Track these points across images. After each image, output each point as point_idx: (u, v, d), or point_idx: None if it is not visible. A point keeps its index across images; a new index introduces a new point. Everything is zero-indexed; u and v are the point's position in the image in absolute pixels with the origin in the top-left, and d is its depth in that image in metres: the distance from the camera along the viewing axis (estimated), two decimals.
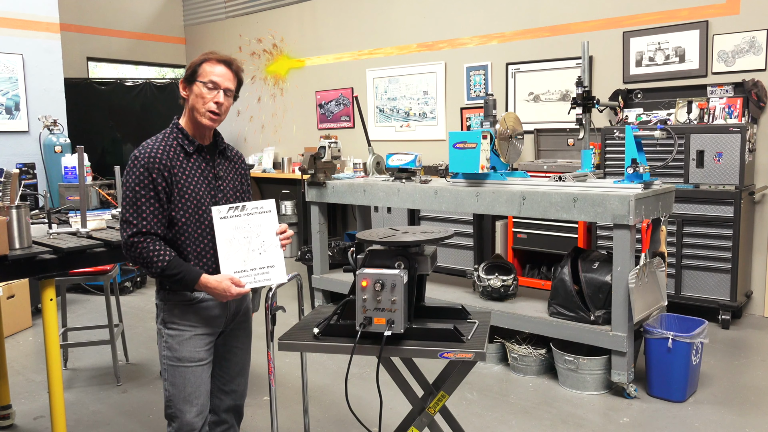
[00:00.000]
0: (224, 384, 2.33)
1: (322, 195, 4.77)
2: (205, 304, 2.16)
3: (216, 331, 2.22)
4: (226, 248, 2.13)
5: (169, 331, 2.15)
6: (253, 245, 2.14)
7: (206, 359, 2.19)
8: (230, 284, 2.07)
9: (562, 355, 3.59)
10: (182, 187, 2.08)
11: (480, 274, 4.10)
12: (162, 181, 2.04)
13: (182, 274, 2.05)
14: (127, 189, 2.05)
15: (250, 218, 2.16)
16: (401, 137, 6.78)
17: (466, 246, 5.56)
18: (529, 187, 3.69)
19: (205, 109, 2.12)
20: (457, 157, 3.85)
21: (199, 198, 2.12)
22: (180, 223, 2.09)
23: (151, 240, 2.03)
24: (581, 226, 4.89)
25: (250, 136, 8.40)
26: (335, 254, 5.23)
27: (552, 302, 3.70)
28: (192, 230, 2.11)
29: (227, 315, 2.23)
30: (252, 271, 2.12)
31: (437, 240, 2.14)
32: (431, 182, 4.26)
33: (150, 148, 2.07)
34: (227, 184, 2.23)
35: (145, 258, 2.03)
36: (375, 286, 1.98)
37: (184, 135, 2.14)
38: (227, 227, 2.15)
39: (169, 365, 2.14)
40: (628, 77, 5.19)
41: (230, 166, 2.27)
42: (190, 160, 2.13)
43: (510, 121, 4.01)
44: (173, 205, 2.07)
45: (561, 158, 5.39)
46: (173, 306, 2.14)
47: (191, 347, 2.15)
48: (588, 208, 3.41)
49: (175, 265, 2.04)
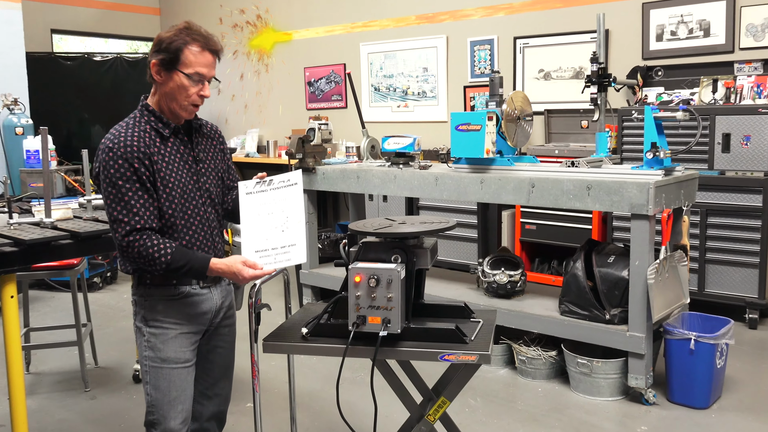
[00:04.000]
0: (207, 388, 2.32)
1: (312, 182, 4.76)
2: (191, 299, 2.17)
3: (201, 329, 2.23)
4: (250, 226, 2.13)
5: (152, 330, 2.14)
6: (277, 222, 2.15)
7: (191, 360, 2.19)
8: (242, 267, 2.06)
9: (574, 357, 3.60)
10: (164, 175, 2.07)
11: (485, 268, 4.10)
12: (145, 170, 2.03)
13: (189, 264, 2.04)
14: (109, 185, 2.02)
15: (276, 192, 2.17)
16: (398, 118, 6.77)
17: (469, 238, 5.56)
18: (539, 174, 3.68)
19: (188, 103, 2.10)
20: (460, 141, 3.84)
21: (183, 185, 2.12)
22: (167, 216, 2.08)
23: (148, 235, 2.02)
24: (596, 217, 4.90)
25: (232, 117, 8.36)
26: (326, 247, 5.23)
27: (563, 300, 3.70)
28: (180, 221, 2.10)
29: (213, 311, 2.23)
30: (273, 250, 2.13)
31: (438, 231, 2.14)
32: (431, 168, 4.26)
33: (123, 136, 2.04)
34: (209, 165, 2.23)
35: (145, 256, 2.01)
36: (369, 282, 1.98)
37: (157, 117, 2.12)
38: (253, 203, 2.17)
39: (152, 367, 2.14)
40: (648, 53, 5.18)
41: (209, 145, 2.27)
42: (168, 145, 2.11)
43: (518, 100, 4.00)
44: (157, 195, 2.06)
45: (574, 142, 5.39)
46: (156, 302, 2.14)
47: (176, 346, 2.15)
48: (603, 197, 3.41)
49: (180, 257, 2.03)
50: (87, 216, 3.21)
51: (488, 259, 4.16)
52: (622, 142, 4.79)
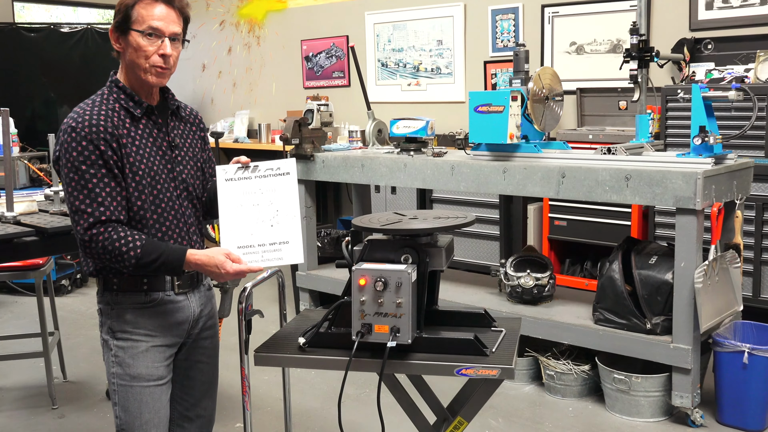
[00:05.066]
0: (187, 409, 2.33)
1: (310, 171, 4.76)
2: (165, 308, 2.17)
3: (177, 341, 2.23)
4: (230, 218, 2.12)
5: (120, 342, 2.15)
6: (264, 215, 2.13)
7: (165, 377, 2.19)
8: (224, 259, 2.05)
9: (610, 372, 3.59)
10: (133, 161, 2.07)
11: (508, 270, 4.10)
12: (113, 154, 2.04)
13: (163, 257, 2.04)
14: (71, 171, 2.03)
15: (263, 182, 2.16)
16: (409, 98, 6.76)
17: (490, 236, 5.56)
18: (570, 162, 3.68)
19: (149, 65, 2.10)
20: (480, 124, 3.83)
21: (154, 173, 2.12)
22: (136, 207, 2.08)
23: (114, 228, 2.02)
24: (635, 211, 4.89)
25: (219, 97, 8.37)
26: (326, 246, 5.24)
27: (598, 306, 3.70)
28: (150, 214, 2.10)
29: (191, 320, 2.24)
30: (260, 247, 2.11)
31: (454, 227, 2.14)
32: (446, 155, 4.25)
33: (89, 114, 2.05)
34: (185, 153, 2.23)
35: (111, 251, 2.02)
36: (376, 286, 1.98)
37: (127, 95, 2.12)
38: (234, 191, 2.15)
39: (120, 385, 2.15)
40: (696, 23, 5.15)
41: (186, 130, 2.27)
42: (139, 126, 2.12)
43: (546, 78, 3.99)
44: (125, 184, 2.07)
45: (610, 125, 5.37)
46: (124, 310, 2.14)
47: (148, 362, 2.15)
48: (644, 189, 3.40)
49: (151, 249, 2.03)
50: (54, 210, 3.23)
51: (512, 259, 4.16)
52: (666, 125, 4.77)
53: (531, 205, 5.48)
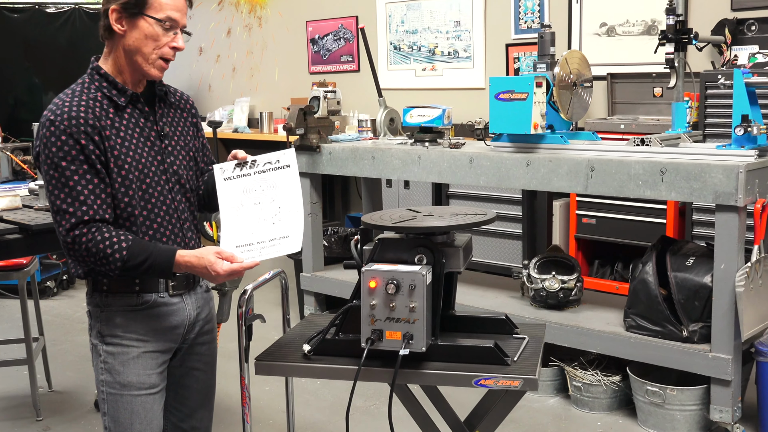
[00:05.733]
0: (182, 420, 2.34)
1: (315, 164, 4.77)
2: (158, 310, 2.18)
3: (171, 347, 2.24)
4: (231, 219, 2.15)
5: (109, 348, 2.16)
6: (266, 213, 2.16)
7: (158, 385, 2.21)
8: (215, 259, 2.05)
9: (642, 384, 3.59)
10: (119, 154, 2.08)
11: (531, 272, 4.10)
12: (95, 148, 2.05)
13: (151, 259, 2.05)
14: (50, 168, 2.04)
15: (263, 177, 2.18)
16: (424, 84, 6.75)
17: (511, 234, 5.55)
18: (600, 154, 3.67)
19: (156, 56, 2.11)
20: (501, 112, 3.83)
21: (143, 166, 2.13)
22: (123, 204, 2.10)
23: (98, 228, 2.04)
24: (671, 208, 4.87)
25: (217, 83, 8.39)
26: (333, 245, 5.24)
27: (630, 312, 3.69)
28: (139, 211, 2.11)
29: (186, 324, 2.25)
30: (259, 244, 2.14)
31: (473, 225, 2.14)
32: (465, 146, 4.25)
33: (68, 106, 2.05)
34: (176, 143, 2.24)
35: (95, 254, 2.03)
36: (387, 288, 1.99)
37: (110, 83, 2.13)
38: (233, 191, 2.18)
39: (110, 393, 2.16)
40: (739, 2, 5.12)
41: (177, 117, 2.28)
42: (124, 116, 2.13)
43: (574, 62, 3.98)
44: (110, 180, 2.08)
45: (644, 114, 5.35)
46: (114, 313, 2.15)
47: (139, 369, 2.16)
48: (681, 183, 3.39)
49: (139, 251, 2.05)
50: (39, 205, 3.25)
51: (536, 260, 4.15)
52: (705, 114, 4.75)
53: (557, 201, 5.47)
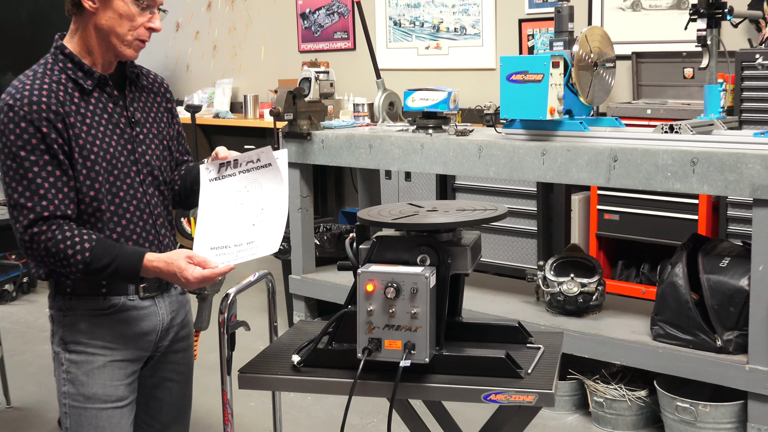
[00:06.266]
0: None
1: (306, 153, 4.76)
2: (128, 315, 2.19)
3: (142, 356, 2.25)
4: (209, 219, 2.17)
5: (73, 356, 2.16)
6: (248, 215, 2.18)
7: (127, 398, 2.21)
8: (186, 265, 2.06)
9: (672, 399, 3.59)
10: (84, 143, 2.08)
11: (547, 274, 4.09)
12: (57, 137, 2.05)
13: (116, 263, 2.06)
14: (8, 158, 2.04)
15: (248, 176, 2.21)
16: (427, 65, 6.75)
17: (525, 232, 5.55)
18: (624, 142, 3.66)
19: (132, 37, 2.12)
20: (514, 96, 3.82)
21: (111, 156, 2.13)
22: (88, 199, 2.10)
23: (59, 226, 2.04)
24: (703, 203, 4.87)
25: (196, 63, 8.38)
26: (325, 243, 5.24)
27: (657, 319, 3.69)
28: (106, 206, 2.12)
29: (159, 330, 2.25)
30: (236, 247, 2.15)
31: (482, 222, 2.14)
32: (473, 134, 4.25)
33: (29, 89, 2.06)
34: (148, 130, 2.25)
35: (55, 254, 2.03)
36: (386, 292, 1.98)
37: (76, 64, 2.13)
38: (218, 192, 2.21)
39: (73, 407, 2.17)
40: None
41: (149, 102, 2.29)
42: (90, 101, 2.13)
43: (595, 40, 3.98)
44: (74, 171, 2.08)
45: (673, 98, 5.35)
46: (78, 318, 2.16)
47: (105, 380, 2.17)
48: (714, 175, 3.39)
49: (103, 253, 2.05)
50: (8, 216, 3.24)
51: (552, 261, 4.15)
52: (741, 98, 4.75)
53: (576, 195, 5.47)
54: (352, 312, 2.06)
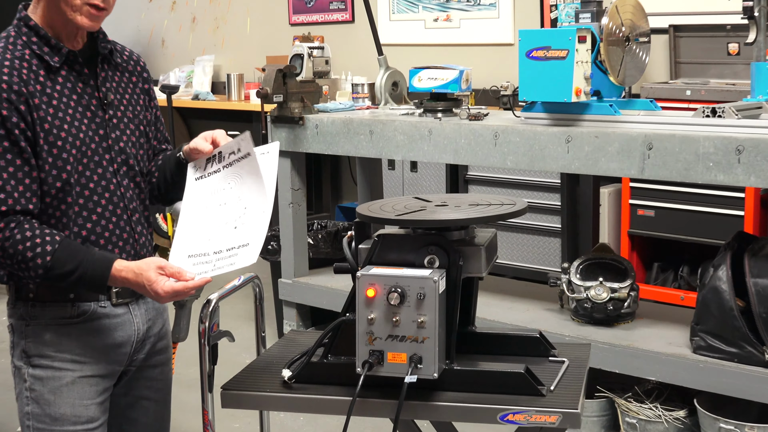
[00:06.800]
0: None
1: (298, 140, 4.76)
2: (99, 324, 2.19)
3: (115, 370, 2.26)
4: (188, 223, 2.18)
5: (37, 371, 2.17)
6: (230, 215, 2.19)
7: (98, 419, 2.22)
8: (156, 277, 2.06)
9: (714, 420, 3.59)
10: (50, 127, 2.09)
11: (572, 278, 4.10)
12: (20, 120, 2.05)
13: (81, 270, 2.06)
14: None
15: (230, 171, 2.22)
16: (435, 39, 6.75)
17: (547, 230, 5.56)
18: (660, 128, 3.67)
19: (82, 2, 2.12)
20: (535, 75, 3.83)
21: (81, 142, 2.14)
22: (54, 191, 2.10)
23: (19, 223, 2.04)
24: (750, 197, 4.87)
25: (172, 37, 8.38)
26: (319, 243, 5.24)
27: (698, 329, 3.69)
28: (73, 199, 2.12)
29: (134, 342, 2.26)
30: (216, 255, 2.16)
31: (498, 218, 2.14)
32: (487, 118, 4.25)
33: None
34: (123, 114, 2.25)
35: (12, 256, 2.04)
36: (389, 298, 1.99)
37: (41, 38, 2.13)
38: (203, 192, 2.22)
39: (38, 429, 2.17)
40: None
41: (124, 82, 2.30)
42: (57, 80, 2.14)
43: (626, 11, 3.98)
44: (39, 160, 2.08)
45: (715, 77, 5.35)
46: (43, 327, 2.16)
47: (74, 398, 2.17)
48: (762, 165, 3.39)
49: (67, 257, 2.05)
50: None
51: (578, 263, 4.15)
52: None
53: (605, 187, 5.47)
54: (351, 321, 2.06)
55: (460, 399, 2.05)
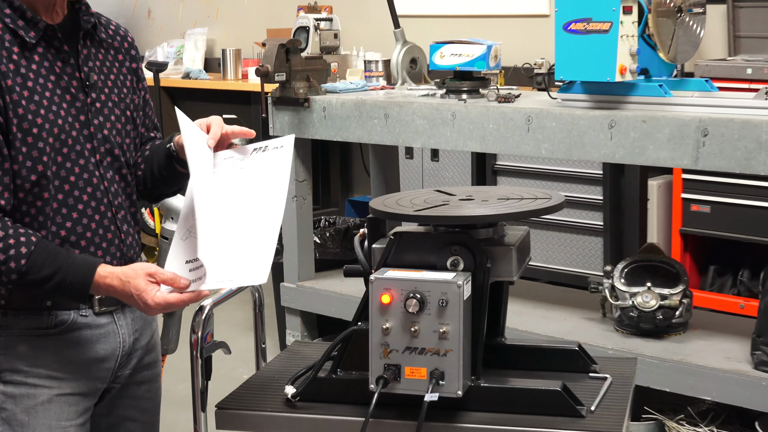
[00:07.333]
0: None
1: (303, 124, 4.77)
2: (79, 335, 2.20)
3: (97, 388, 2.26)
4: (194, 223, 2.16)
5: (9, 389, 2.17)
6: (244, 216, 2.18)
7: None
8: (145, 285, 2.05)
9: None
10: (25, 112, 2.09)
11: (616, 283, 4.10)
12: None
13: (60, 276, 2.05)
14: None
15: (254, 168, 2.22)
16: (459, 9, 6.75)
17: (588, 228, 5.55)
18: (717, 111, 3.66)
19: None
20: (573, 51, 3.83)
21: (59, 129, 2.14)
22: (29, 185, 2.10)
23: None
24: None
25: (160, 8, 8.41)
26: (327, 242, 5.26)
27: (760, 341, 3.69)
28: (51, 194, 2.12)
29: (118, 355, 2.27)
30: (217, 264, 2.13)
31: (531, 214, 2.14)
32: (519, 100, 4.25)
33: None
34: (107, 97, 2.25)
35: None
36: (407, 305, 1.99)
37: (15, 9, 2.13)
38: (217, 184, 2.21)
39: None
40: None
41: (109, 60, 2.30)
42: (33, 59, 2.14)
43: None
44: (12, 150, 2.08)
45: None
46: (15, 339, 2.16)
47: (51, 419, 2.17)
48: None
49: (44, 260, 2.05)
50: None
51: (623, 266, 4.15)
52: None
53: (653, 179, 5.46)
54: (363, 331, 2.07)
55: (488, 420, 2.05)
